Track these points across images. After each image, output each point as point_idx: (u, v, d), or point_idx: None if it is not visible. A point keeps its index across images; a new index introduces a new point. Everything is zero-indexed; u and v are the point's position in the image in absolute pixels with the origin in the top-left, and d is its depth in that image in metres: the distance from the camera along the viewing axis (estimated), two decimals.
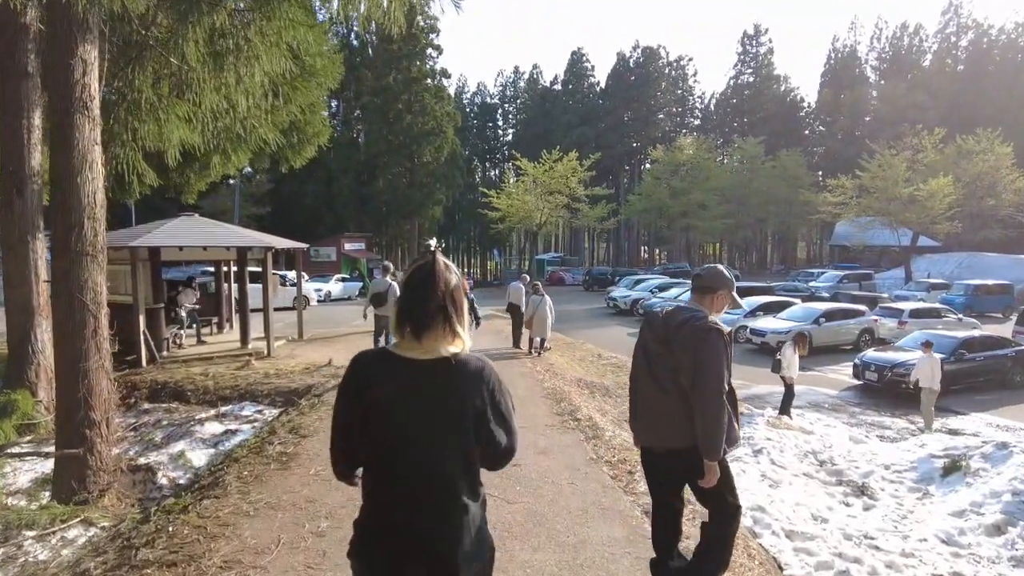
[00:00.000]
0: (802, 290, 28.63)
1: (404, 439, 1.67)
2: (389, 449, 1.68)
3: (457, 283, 1.76)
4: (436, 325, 1.67)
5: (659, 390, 3.05)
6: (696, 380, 2.89)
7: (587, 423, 6.61)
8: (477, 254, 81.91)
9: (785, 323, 18.82)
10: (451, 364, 1.68)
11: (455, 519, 1.66)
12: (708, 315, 3.07)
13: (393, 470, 1.68)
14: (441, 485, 1.67)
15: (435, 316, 1.67)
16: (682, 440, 2.97)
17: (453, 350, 1.70)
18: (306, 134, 9.68)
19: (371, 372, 1.71)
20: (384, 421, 1.67)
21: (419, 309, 1.67)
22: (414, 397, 1.67)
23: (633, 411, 3.33)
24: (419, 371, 1.67)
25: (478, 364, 1.75)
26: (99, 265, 6.01)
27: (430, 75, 46.16)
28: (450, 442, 1.68)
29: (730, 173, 53.81)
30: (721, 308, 3.21)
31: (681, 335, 2.98)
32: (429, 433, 1.67)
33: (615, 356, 14.06)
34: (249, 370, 11.96)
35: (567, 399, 7.86)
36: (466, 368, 1.71)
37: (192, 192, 10.49)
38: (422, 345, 1.68)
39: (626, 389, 3.25)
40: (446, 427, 1.67)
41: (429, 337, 1.67)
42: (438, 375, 1.68)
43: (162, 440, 7.78)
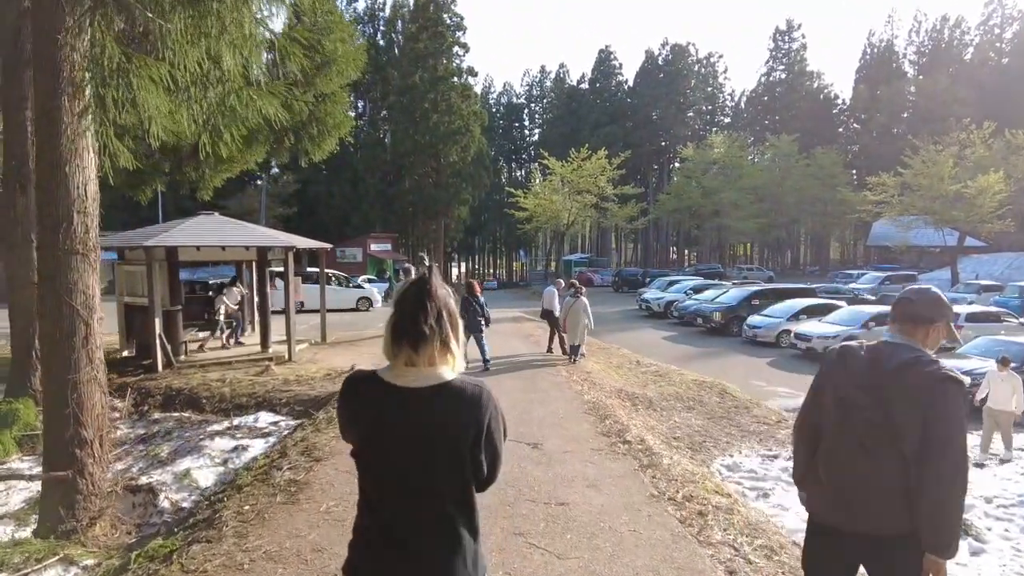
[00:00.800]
0: (844, 292, 27.40)
1: (394, 471, 1.63)
2: (379, 479, 1.66)
3: (449, 300, 1.71)
4: (432, 339, 1.63)
5: (861, 451, 2.20)
6: (929, 448, 2.05)
7: (639, 446, 5.80)
8: (503, 255, 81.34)
9: (832, 327, 17.72)
10: (446, 392, 1.63)
11: (449, 552, 1.62)
12: (935, 357, 2.22)
13: (383, 499, 1.66)
14: (434, 517, 1.63)
15: (431, 330, 1.63)
16: (893, 524, 2.15)
17: (446, 371, 1.66)
18: (326, 125, 9.03)
19: (363, 398, 1.68)
20: (373, 451, 1.64)
21: (414, 323, 1.63)
22: (405, 429, 1.61)
23: (812, 470, 2.44)
24: (411, 400, 1.62)
25: (475, 391, 1.67)
26: (91, 265, 5.35)
27: (456, 73, 45.61)
28: (444, 475, 1.63)
29: (762, 172, 52.29)
30: (936, 344, 2.34)
31: (904, 384, 2.13)
32: (421, 465, 1.62)
33: (654, 363, 13.17)
34: (268, 376, 11.37)
35: (612, 415, 7.05)
36: (463, 395, 1.65)
37: (208, 188, 9.89)
38: (417, 365, 1.63)
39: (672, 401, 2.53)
40: (440, 459, 1.62)
41: (425, 352, 1.62)
42: (433, 404, 1.62)
43: (168, 456, 7.13)
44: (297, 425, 7.65)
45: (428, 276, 1.70)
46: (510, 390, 8.71)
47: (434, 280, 1.69)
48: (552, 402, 7.85)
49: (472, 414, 1.63)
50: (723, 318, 21.41)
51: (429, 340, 1.62)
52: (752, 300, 21.87)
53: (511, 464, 5.14)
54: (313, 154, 9.11)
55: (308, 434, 6.37)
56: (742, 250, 74.46)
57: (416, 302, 1.65)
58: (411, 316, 1.64)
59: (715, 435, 8.32)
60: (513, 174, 77.79)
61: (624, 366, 12.26)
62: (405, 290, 1.71)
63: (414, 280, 1.71)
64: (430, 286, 1.68)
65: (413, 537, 1.62)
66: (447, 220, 47.49)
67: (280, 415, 9.33)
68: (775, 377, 14.77)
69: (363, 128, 51.78)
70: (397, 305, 1.70)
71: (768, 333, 19.28)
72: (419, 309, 1.64)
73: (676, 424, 8.52)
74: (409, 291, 1.69)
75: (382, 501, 1.66)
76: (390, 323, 1.68)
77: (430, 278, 1.69)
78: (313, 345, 14.79)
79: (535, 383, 9.21)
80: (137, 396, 10.62)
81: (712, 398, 10.09)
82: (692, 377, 11.52)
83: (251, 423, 8.46)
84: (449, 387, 1.63)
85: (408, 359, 1.63)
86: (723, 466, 7.15)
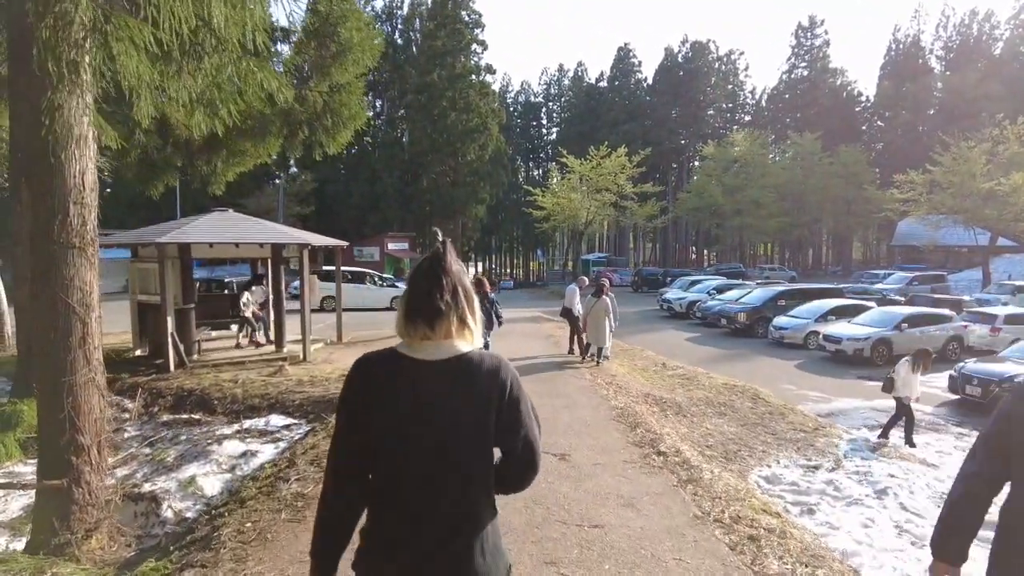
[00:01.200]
0: (872, 292, 26.62)
1: (418, 448, 1.54)
2: (400, 459, 1.56)
3: (464, 276, 1.65)
4: (448, 314, 1.57)
5: None
6: None
7: (676, 458, 5.35)
8: (520, 254, 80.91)
9: (862, 328, 17.06)
10: (465, 363, 1.57)
11: (470, 533, 1.56)
12: None
13: (404, 482, 1.56)
14: (457, 496, 1.56)
15: (447, 305, 1.57)
16: None
17: (464, 345, 1.59)
18: (341, 116, 8.66)
19: (380, 376, 1.58)
20: (396, 429, 1.55)
21: (429, 299, 1.56)
22: (428, 402, 1.54)
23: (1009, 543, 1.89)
24: (432, 373, 1.55)
25: (494, 361, 1.61)
26: (88, 259, 5.00)
27: (475, 71, 45.26)
28: (469, 448, 1.56)
29: (785, 170, 51.36)
30: None
31: None
32: (445, 439, 1.54)
33: (680, 365, 12.66)
34: (281, 377, 11.06)
35: (643, 423, 6.60)
36: (482, 366, 1.58)
37: (220, 183, 9.59)
38: (434, 340, 1.57)
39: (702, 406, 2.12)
40: (465, 432, 1.56)
41: (441, 328, 1.56)
42: (453, 376, 1.56)
43: (174, 461, 6.79)
44: (308, 430, 7.28)
45: (442, 251, 1.63)
46: (532, 394, 8.26)
47: (448, 255, 1.63)
48: (578, 408, 7.40)
49: (493, 380, 1.57)
50: (748, 319, 20.82)
51: (445, 315, 1.56)
52: (778, 300, 21.26)
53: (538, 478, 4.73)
54: (328, 147, 8.75)
55: (319, 440, 5.99)
56: (762, 250, 73.37)
57: (430, 277, 1.59)
58: (426, 291, 1.58)
59: (750, 443, 7.83)
60: (530, 173, 77.35)
61: (649, 369, 11.78)
62: (419, 265, 1.65)
63: (428, 255, 1.64)
64: (444, 261, 1.61)
65: (431, 525, 1.55)
66: (464, 219, 47.17)
67: (292, 417, 8.99)
68: (804, 380, 14.21)
69: (381, 127, 51.68)
70: (411, 281, 1.64)
71: (795, 335, 18.68)
72: (433, 284, 1.58)
73: (708, 431, 8.04)
74: (423, 266, 1.63)
75: (399, 489, 1.57)
76: (404, 299, 1.63)
77: (444, 253, 1.63)
78: (329, 345, 14.48)
79: (559, 387, 8.77)
80: (148, 397, 10.36)
81: (744, 403, 9.59)
82: (722, 381, 11.02)
83: (262, 426, 8.12)
84: (467, 357, 1.58)
85: (424, 334, 1.57)
86: (761, 478, 6.67)
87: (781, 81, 70.28)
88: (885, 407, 12.05)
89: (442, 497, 1.55)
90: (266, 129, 9.17)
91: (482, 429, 1.56)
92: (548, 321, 20.68)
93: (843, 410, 11.98)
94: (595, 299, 11.29)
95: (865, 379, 14.61)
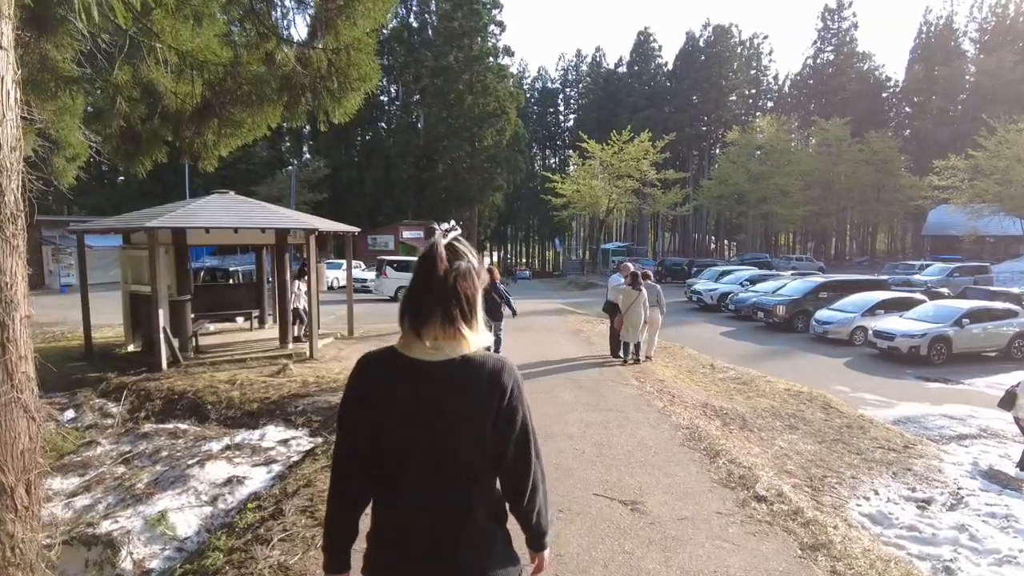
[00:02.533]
0: (915, 284, 25.01)
1: (415, 450, 1.50)
2: (398, 461, 1.51)
3: (467, 271, 1.52)
4: (433, 319, 1.48)
5: None
6: None
7: (782, 506, 4.07)
8: (536, 244, 79.52)
9: (918, 324, 15.59)
10: (462, 365, 1.50)
11: (470, 538, 1.50)
12: None
13: (402, 484, 1.52)
14: (455, 500, 1.51)
15: (432, 309, 1.48)
16: None
17: (459, 349, 1.50)
18: (349, 78, 7.40)
19: (379, 375, 1.54)
20: (394, 430, 1.50)
21: (416, 299, 1.51)
22: (425, 404, 1.48)
23: None
24: (429, 373, 1.49)
25: (496, 364, 1.53)
26: (8, 242, 3.78)
27: (492, 53, 43.79)
28: (468, 453, 1.50)
29: (812, 156, 49.49)
30: None
31: None
32: (443, 443, 1.49)
33: (730, 366, 11.32)
34: (284, 377, 9.91)
35: (723, 450, 5.32)
36: (482, 369, 1.51)
37: (212, 159, 8.41)
38: (425, 342, 1.49)
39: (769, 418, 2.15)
40: (463, 436, 1.49)
41: (428, 334, 1.49)
42: (449, 378, 1.49)
43: (146, 488, 5.61)
44: (307, 452, 6.05)
45: (433, 247, 1.52)
46: (572, 406, 7.02)
47: (439, 251, 1.50)
48: (633, 425, 6.13)
49: (494, 384, 1.50)
50: (787, 312, 19.40)
51: (432, 322, 1.48)
52: (819, 293, 19.82)
53: (605, 542, 3.46)
54: (333, 114, 7.51)
55: (317, 471, 4.77)
56: (782, 239, 71.42)
57: (420, 279, 1.52)
58: (416, 295, 1.52)
59: (834, 466, 6.53)
60: (547, 161, 75.84)
61: (697, 371, 10.46)
62: (415, 263, 1.58)
63: (423, 252, 1.54)
64: (434, 260, 1.50)
65: (436, 526, 1.50)
66: (481, 207, 45.85)
67: (292, 428, 7.84)
68: (857, 381, 12.84)
69: (395, 112, 50.42)
70: (413, 274, 1.57)
71: (840, 330, 17.25)
72: (423, 289, 1.51)
73: (783, 450, 6.75)
74: (415, 266, 1.57)
75: (400, 493, 1.52)
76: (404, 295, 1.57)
77: (434, 249, 1.51)
78: (339, 339, 13.32)
79: (605, 396, 7.48)
80: (135, 400, 9.25)
81: (815, 414, 8.27)
82: (783, 386, 9.69)
83: (255, 440, 6.94)
84: (467, 359, 1.50)
85: (415, 336, 1.50)
86: (864, 516, 5.37)
87: (805, 66, 68.44)
88: (958, 414, 10.69)
89: (440, 500, 1.50)
90: (263, 95, 7.93)
91: (479, 434, 1.49)
92: (572, 314, 19.41)
93: (911, 417, 10.58)
94: (634, 290, 10.05)
95: (925, 380, 13.24)
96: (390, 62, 50.18)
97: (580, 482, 4.42)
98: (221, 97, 8.22)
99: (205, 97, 8.16)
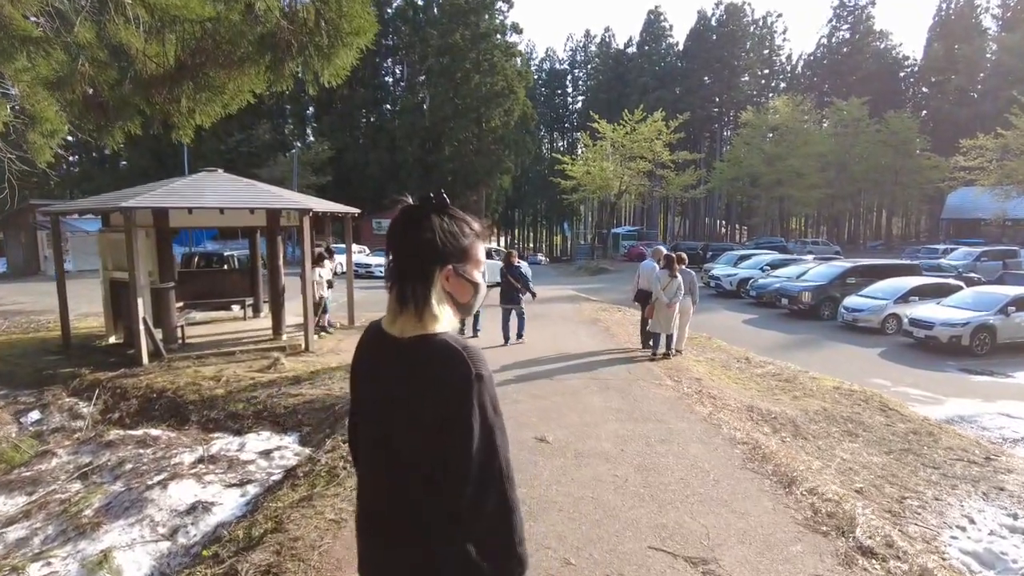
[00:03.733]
0: (946, 269, 23.84)
1: (370, 432, 1.42)
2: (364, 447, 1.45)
3: (429, 243, 1.35)
4: (391, 293, 1.39)
5: None
6: None
7: (896, 559, 3.10)
8: (544, 228, 78.34)
9: (958, 312, 14.48)
10: (417, 344, 1.34)
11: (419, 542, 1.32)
12: None
13: (364, 472, 1.47)
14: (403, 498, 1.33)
15: (392, 282, 1.39)
16: None
17: (417, 327, 1.35)
18: (340, 31, 6.39)
19: (361, 348, 1.49)
20: (360, 409, 1.47)
21: (388, 271, 1.42)
22: (376, 381, 1.40)
23: None
24: (388, 350, 1.38)
25: (450, 349, 1.31)
26: None
27: (500, 30, 42.39)
28: (408, 441, 1.32)
29: (829, 137, 47.97)
30: None
31: None
32: (390, 426, 1.36)
33: (769, 361, 10.27)
34: (276, 372, 9.01)
35: (791, 471, 4.33)
36: (433, 352, 1.32)
37: (188, 128, 7.42)
38: (390, 315, 1.40)
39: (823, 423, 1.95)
40: (406, 421, 1.33)
41: (391, 302, 1.40)
42: (402, 357, 1.35)
43: (95, 515, 4.68)
44: (287, 473, 5.06)
45: (399, 215, 1.40)
46: (602, 414, 6.01)
47: (403, 220, 1.40)
48: (680, 440, 5.12)
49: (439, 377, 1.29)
50: (813, 299, 18.33)
51: (390, 292, 1.40)
52: (846, 278, 18.72)
53: None
54: (322, 73, 6.52)
55: (293, 504, 3.81)
56: (794, 224, 69.95)
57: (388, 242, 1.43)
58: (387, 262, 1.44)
59: (910, 484, 5.53)
60: (555, 144, 74.44)
61: (732, 366, 9.44)
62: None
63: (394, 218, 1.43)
64: (396, 227, 1.40)
65: (386, 519, 1.37)
66: (488, 190, 44.69)
67: (280, 433, 6.93)
68: (896, 374, 11.79)
69: (401, 94, 49.20)
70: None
71: (871, 318, 16.16)
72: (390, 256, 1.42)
73: (846, 464, 5.76)
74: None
75: (364, 475, 1.47)
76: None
77: (399, 218, 1.40)
78: (339, 329, 12.38)
79: (637, 402, 6.46)
80: (109, 399, 8.34)
81: (874, 417, 7.26)
82: (830, 383, 8.67)
83: (233, 452, 5.99)
84: (423, 340, 1.34)
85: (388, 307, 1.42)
86: (966, 554, 4.38)
87: (820, 45, 66.76)
88: (1018, 412, 9.66)
89: (390, 490, 1.36)
90: (246, 54, 6.94)
91: (420, 420, 1.30)
92: (586, 301, 18.42)
93: (965, 416, 9.51)
94: (669, 277, 9.04)
95: (969, 373, 12.19)
96: (395, 42, 48.89)
97: (629, 527, 3.42)
98: (197, 58, 7.24)
99: (180, 59, 7.19)
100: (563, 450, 4.73)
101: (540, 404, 6.38)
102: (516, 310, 10.38)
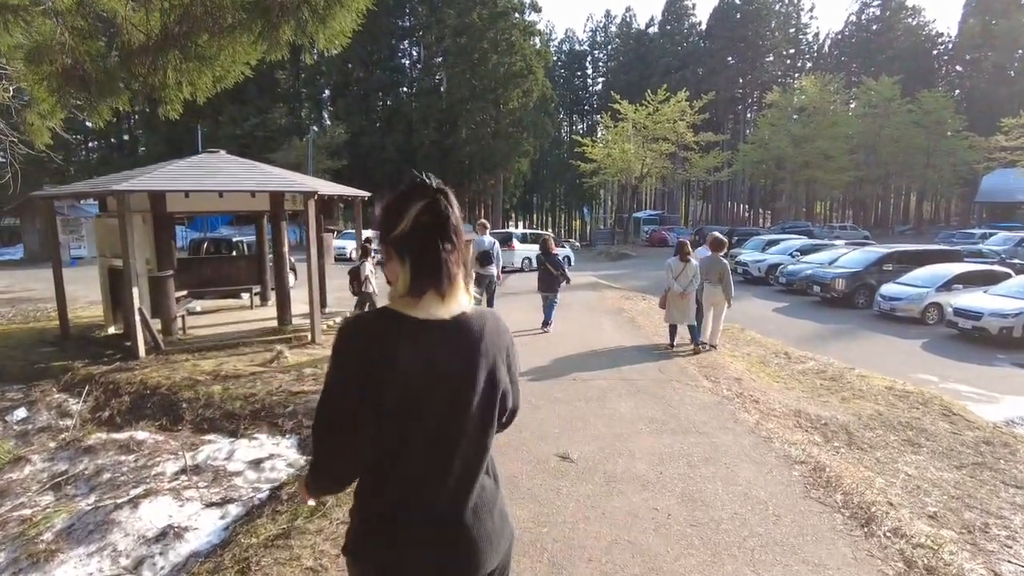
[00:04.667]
0: (987, 255, 22.68)
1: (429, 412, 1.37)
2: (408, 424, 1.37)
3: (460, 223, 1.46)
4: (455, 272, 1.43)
5: None
6: None
7: None
8: (563, 213, 77.27)
9: (1010, 301, 13.47)
10: (467, 321, 1.42)
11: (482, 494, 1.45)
12: None
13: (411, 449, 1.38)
14: (468, 460, 1.42)
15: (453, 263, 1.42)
16: None
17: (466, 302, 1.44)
18: None
19: (382, 337, 1.36)
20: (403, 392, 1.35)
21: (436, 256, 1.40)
22: (438, 363, 1.37)
23: None
24: (439, 332, 1.38)
25: (495, 319, 1.49)
26: None
27: (518, 8, 41.23)
28: (479, 411, 1.41)
29: (859, 118, 46.29)
30: None
31: None
32: (456, 402, 1.39)
33: (810, 356, 9.44)
34: (278, 366, 8.44)
35: (868, 503, 3.60)
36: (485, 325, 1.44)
37: (176, 102, 6.79)
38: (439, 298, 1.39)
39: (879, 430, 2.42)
40: (476, 394, 1.40)
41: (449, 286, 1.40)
42: (459, 335, 1.40)
43: (55, 538, 4.10)
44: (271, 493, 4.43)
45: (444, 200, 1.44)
46: (634, 424, 5.28)
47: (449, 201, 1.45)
48: (728, 459, 4.36)
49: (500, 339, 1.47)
50: (847, 287, 17.40)
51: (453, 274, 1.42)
52: (883, 265, 17.73)
53: None
54: (318, 37, 5.85)
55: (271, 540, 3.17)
56: (818, 208, 68.16)
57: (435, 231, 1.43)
58: (432, 248, 1.42)
59: (992, 507, 4.77)
60: (575, 127, 73.15)
61: (771, 361, 8.66)
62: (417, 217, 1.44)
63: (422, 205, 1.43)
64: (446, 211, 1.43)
65: (447, 487, 1.40)
66: (506, 174, 43.81)
67: (278, 436, 6.32)
68: (943, 368, 10.88)
69: (417, 76, 48.38)
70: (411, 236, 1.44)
71: (911, 307, 15.20)
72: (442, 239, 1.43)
73: (912, 480, 5.01)
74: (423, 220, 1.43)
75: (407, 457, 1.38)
76: (407, 256, 1.44)
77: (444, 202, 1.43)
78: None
79: (673, 408, 5.73)
80: (101, 395, 7.82)
81: (936, 423, 6.47)
82: (881, 383, 7.87)
83: (220, 461, 5.39)
84: (470, 315, 1.44)
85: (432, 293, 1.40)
86: None
87: (848, 23, 64.87)
88: None
89: (453, 461, 1.40)
90: (235, 20, 6.30)
91: (490, 390, 1.42)
92: (608, 288, 17.67)
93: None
94: (682, 264, 8.39)
95: (1022, 366, 11.27)
96: (412, 23, 47.99)
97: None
98: (184, 25, 6.59)
99: (165, 26, 6.55)
100: (590, 472, 4.02)
101: (562, 411, 5.70)
102: (551, 298, 10.39)
